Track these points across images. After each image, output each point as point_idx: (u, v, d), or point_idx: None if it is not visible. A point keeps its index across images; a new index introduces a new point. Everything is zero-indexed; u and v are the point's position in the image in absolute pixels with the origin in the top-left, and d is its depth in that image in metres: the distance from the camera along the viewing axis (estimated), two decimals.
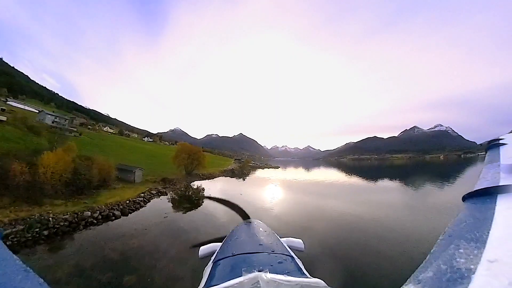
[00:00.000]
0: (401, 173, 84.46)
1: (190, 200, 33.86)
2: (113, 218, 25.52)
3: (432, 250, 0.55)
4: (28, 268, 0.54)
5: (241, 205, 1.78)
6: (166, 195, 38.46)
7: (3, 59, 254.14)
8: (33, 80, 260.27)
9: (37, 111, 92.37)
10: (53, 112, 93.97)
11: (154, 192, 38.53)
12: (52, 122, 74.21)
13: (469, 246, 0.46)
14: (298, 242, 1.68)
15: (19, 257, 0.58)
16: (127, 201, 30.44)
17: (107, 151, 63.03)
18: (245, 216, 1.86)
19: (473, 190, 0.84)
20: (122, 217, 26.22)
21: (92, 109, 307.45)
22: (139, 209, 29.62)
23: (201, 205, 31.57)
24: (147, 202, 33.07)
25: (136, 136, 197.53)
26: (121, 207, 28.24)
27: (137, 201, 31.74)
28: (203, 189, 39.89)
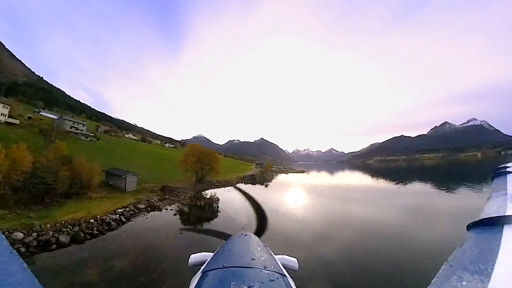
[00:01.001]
0: (433, 175, 73.95)
1: (198, 218, 25.43)
2: (54, 246, 15.95)
3: (433, 281, 0.53)
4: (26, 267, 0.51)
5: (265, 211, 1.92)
6: (160, 210, 28.20)
7: (43, 78, 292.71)
8: (68, 95, 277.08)
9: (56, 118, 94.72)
10: (83, 121, 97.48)
11: (142, 206, 28.26)
12: (70, 128, 78.10)
13: (472, 278, 0.43)
14: (292, 260, 1.65)
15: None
16: (93, 220, 20.67)
17: (116, 155, 61.55)
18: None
19: (478, 219, 0.80)
20: (70, 246, 16.50)
21: (120, 119, 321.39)
22: (105, 233, 19.50)
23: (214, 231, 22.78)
24: (123, 223, 22.54)
25: (159, 142, 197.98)
26: (77, 228, 18.57)
27: (109, 220, 21.76)
28: (217, 201, 32.62)
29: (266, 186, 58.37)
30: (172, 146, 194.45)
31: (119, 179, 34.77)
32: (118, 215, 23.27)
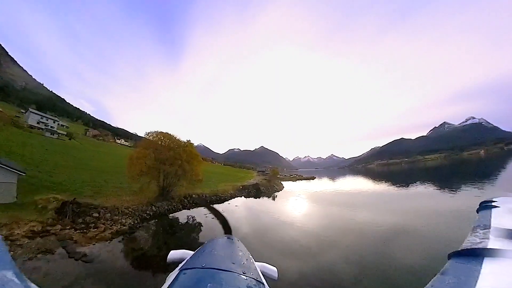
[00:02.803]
0: (437, 175, 71.26)
1: None
2: None
3: None
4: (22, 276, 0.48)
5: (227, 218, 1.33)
6: None
7: (44, 85, 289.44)
8: (68, 102, 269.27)
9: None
10: (55, 117, 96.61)
11: None
12: (37, 123, 74.16)
13: None
14: (272, 269, 1.63)
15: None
16: None
17: (75, 155, 49.87)
18: (227, 230, 1.85)
19: (459, 249, 0.83)
20: None
21: (120, 128, 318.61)
22: None
23: None
24: None
25: None
26: None
27: None
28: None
29: (274, 199, 39.43)
30: None
31: None
32: None
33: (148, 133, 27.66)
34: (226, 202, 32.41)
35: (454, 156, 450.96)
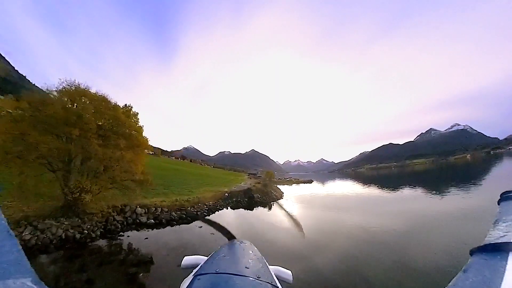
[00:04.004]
0: (428, 179, 70.06)
1: None
2: None
3: None
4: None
5: (224, 225, 1.84)
6: None
7: (26, 77, 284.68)
8: None
9: None
10: None
11: None
12: None
13: None
14: (286, 273, 1.61)
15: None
16: None
17: None
18: (231, 236, 1.82)
19: (482, 244, 0.78)
20: None
21: None
22: None
23: None
24: None
25: None
26: None
27: None
28: None
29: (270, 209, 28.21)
30: (151, 153, 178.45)
31: None
32: None
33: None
34: (195, 223, 17.83)
35: (442, 161, 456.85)
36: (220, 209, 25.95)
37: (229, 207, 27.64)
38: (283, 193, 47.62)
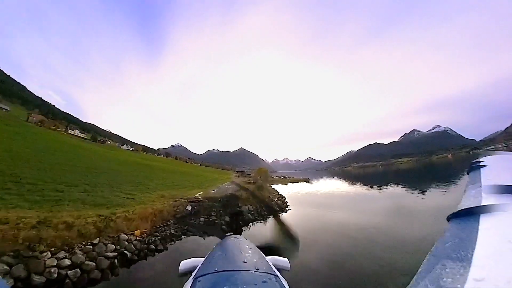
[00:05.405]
0: (412, 177, 74.43)
1: None
2: None
3: (418, 271, 0.55)
4: None
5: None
6: None
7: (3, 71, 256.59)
8: (29, 91, 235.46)
9: None
10: None
11: None
12: None
13: (455, 265, 0.46)
14: (283, 261, 1.68)
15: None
16: None
17: None
18: (223, 233, 1.88)
19: (456, 210, 0.87)
20: None
21: (90, 123, 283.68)
22: None
23: None
24: None
25: (110, 143, 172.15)
26: None
27: None
28: None
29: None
30: (131, 149, 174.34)
31: None
32: None
33: None
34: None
35: (424, 160, 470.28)
36: (150, 254, 11.16)
37: (183, 237, 13.86)
38: (284, 198, 33.77)
